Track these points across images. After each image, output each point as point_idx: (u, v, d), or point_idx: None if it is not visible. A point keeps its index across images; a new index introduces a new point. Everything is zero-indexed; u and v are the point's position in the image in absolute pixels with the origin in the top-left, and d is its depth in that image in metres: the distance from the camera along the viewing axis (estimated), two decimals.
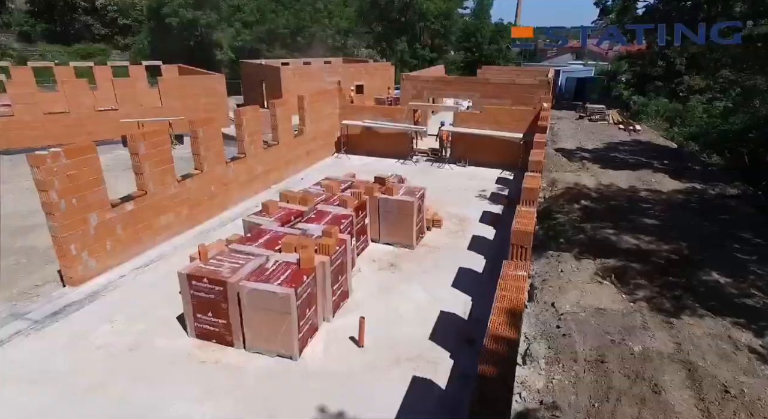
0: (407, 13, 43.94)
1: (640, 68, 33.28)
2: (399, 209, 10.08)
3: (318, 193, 10.31)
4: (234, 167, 12.42)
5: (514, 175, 15.79)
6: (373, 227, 10.49)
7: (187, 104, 21.60)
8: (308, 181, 14.88)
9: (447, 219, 11.97)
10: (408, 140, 17.30)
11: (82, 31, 40.63)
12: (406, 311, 8.16)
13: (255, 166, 13.35)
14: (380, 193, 10.33)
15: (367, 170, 16.32)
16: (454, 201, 13.31)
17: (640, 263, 9.97)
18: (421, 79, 20.55)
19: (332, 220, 8.81)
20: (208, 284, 6.67)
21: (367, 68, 30.31)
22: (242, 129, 12.60)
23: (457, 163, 16.99)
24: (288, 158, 15.08)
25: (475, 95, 20.16)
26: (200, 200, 11.22)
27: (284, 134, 14.63)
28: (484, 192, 14.15)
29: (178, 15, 35.75)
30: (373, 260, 9.87)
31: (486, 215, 12.40)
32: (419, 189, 10.58)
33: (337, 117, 17.94)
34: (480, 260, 9.87)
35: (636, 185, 15.51)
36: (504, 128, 16.25)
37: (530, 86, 19.18)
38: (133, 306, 7.89)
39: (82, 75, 24.19)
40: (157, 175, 9.86)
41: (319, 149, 17.09)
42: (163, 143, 9.94)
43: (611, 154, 19.67)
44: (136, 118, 19.83)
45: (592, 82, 35.35)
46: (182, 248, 10.06)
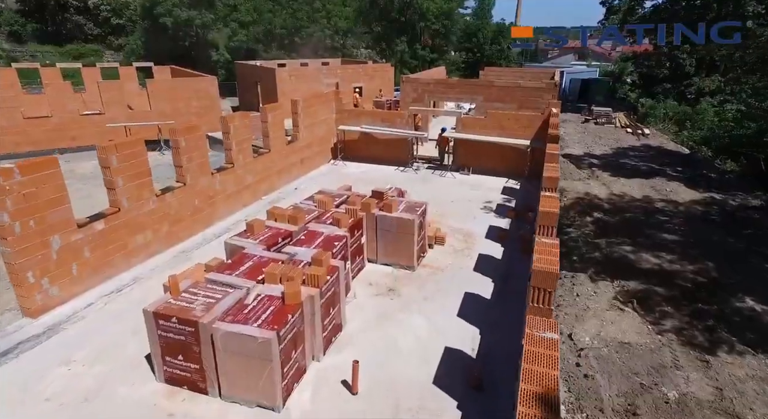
0: (407, 13, 43.06)
1: (647, 69, 32.42)
2: (398, 227, 9.17)
3: (310, 209, 9.40)
4: (221, 179, 11.51)
5: (520, 184, 14.88)
6: (371, 246, 9.59)
7: (177, 107, 20.70)
8: (302, 191, 14.00)
9: (451, 235, 11.06)
10: (408, 146, 16.41)
11: (74, 31, 39.71)
12: (406, 344, 7.26)
13: (244, 176, 12.44)
14: (378, 209, 9.42)
15: (365, 178, 15.43)
16: (457, 214, 12.41)
17: (664, 286, 9.07)
18: (422, 81, 19.66)
19: (324, 242, 7.90)
20: (177, 324, 5.76)
21: (366, 70, 29.42)
22: (230, 137, 11.69)
23: (460, 171, 16.08)
24: (280, 167, 14.17)
25: (478, 99, 19.28)
26: (182, 215, 10.31)
27: (276, 141, 13.73)
28: (489, 204, 13.24)
29: (172, 15, 34.85)
30: (369, 283, 8.96)
31: (492, 229, 11.48)
32: (420, 205, 9.67)
33: (333, 122, 17.03)
34: (487, 284, 8.96)
35: (650, 194, 14.62)
36: (510, 134, 15.34)
37: (537, 89, 18.30)
38: (98, 341, 6.98)
39: (71, 77, 23.32)
40: (133, 190, 8.95)
41: (315, 156, 16.18)
42: (139, 154, 9.02)
43: (621, 160, 18.78)
44: (123, 122, 18.93)
45: (596, 84, 34.44)
46: (160, 270, 9.16)
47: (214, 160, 12.54)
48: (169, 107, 20.49)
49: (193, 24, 36.56)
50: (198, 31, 38.38)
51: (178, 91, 20.69)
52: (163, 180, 12.64)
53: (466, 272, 9.46)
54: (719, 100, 24.63)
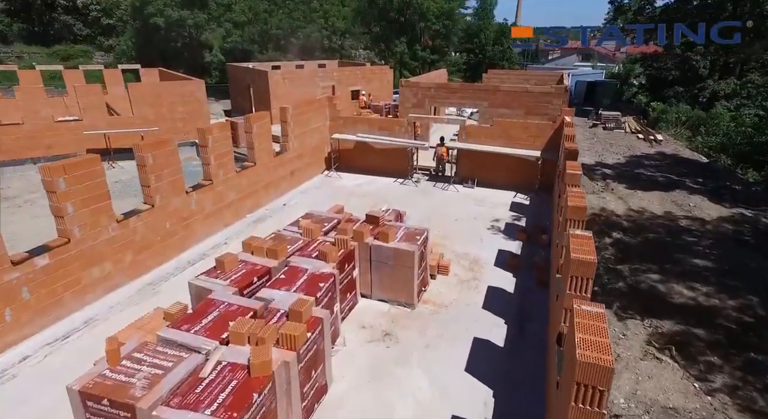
0: (407, 13, 41.82)
1: (655, 71, 31.18)
2: (396, 259, 7.92)
3: (293, 238, 8.14)
4: (198, 197, 10.25)
5: (530, 199, 13.63)
6: (364, 279, 8.34)
7: (162, 113, 19.45)
8: (291, 208, 12.74)
9: (455, 262, 9.81)
10: (408, 156, 15.15)
11: (62, 31, 38.41)
12: (404, 410, 6.01)
13: (225, 193, 11.19)
14: (372, 238, 8.17)
15: (361, 191, 14.20)
16: (462, 235, 11.16)
17: (705, 327, 7.81)
18: (422, 86, 18.42)
19: (308, 283, 6.65)
20: (109, 407, 4.51)
21: (364, 72, 28.16)
22: (207, 151, 10.43)
23: (464, 183, 14.83)
24: (268, 181, 12.92)
25: (482, 104, 18.04)
26: (150, 241, 9.05)
27: (263, 153, 12.48)
28: (497, 223, 11.98)
29: (163, 15, 33.60)
30: (362, 325, 7.71)
31: (502, 254, 10.22)
32: (421, 232, 8.41)
33: (327, 130, 15.79)
34: (499, 326, 7.70)
35: (672, 210, 13.36)
36: (518, 144, 14.10)
37: (545, 94, 17.06)
38: (25, 413, 5.71)
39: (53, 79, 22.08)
40: (87, 216, 7.70)
41: (306, 167, 14.93)
42: (95, 175, 7.77)
43: (636, 170, 17.52)
44: (103, 129, 17.68)
45: (602, 86, 33.15)
46: (120, 308, 7.91)
47: (200, 171, 11.37)
48: (152, 112, 19.23)
49: (186, 24, 35.32)
50: (191, 31, 37.13)
51: (162, 96, 19.43)
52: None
53: (474, 309, 8.21)
54: (735, 104, 23.38)
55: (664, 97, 27.02)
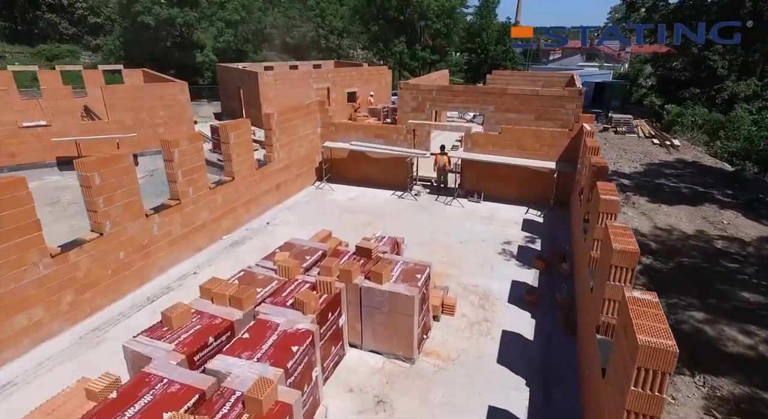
0: (406, 11, 40.35)
1: (667, 72, 29.70)
2: (392, 305, 6.44)
3: (266, 278, 6.65)
4: (161, 221, 8.77)
5: (544, 216, 12.15)
6: (353, 326, 6.86)
7: (141, 118, 17.96)
8: (275, 227, 11.26)
9: (462, 297, 8.34)
10: (407, 167, 13.67)
11: (47, 30, 36.84)
12: None
13: (196, 214, 9.71)
14: (363, 276, 6.69)
15: (355, 207, 12.73)
16: (469, 262, 9.69)
17: None
18: (423, 88, 16.94)
19: (277, 347, 5.16)
20: None
21: (361, 73, 26.68)
22: (173, 166, 8.95)
23: (469, 197, 13.35)
24: (249, 197, 11.44)
25: (488, 109, 16.56)
26: (98, 276, 7.57)
27: (242, 165, 11.00)
28: (508, 246, 10.50)
29: (151, 13, 32.09)
30: (350, 389, 6.22)
31: (517, 287, 8.74)
32: (422, 268, 6.93)
33: (318, 138, 14.31)
34: (519, 389, 6.22)
35: (704, 228, 11.89)
36: (530, 154, 12.63)
37: (558, 98, 15.59)
38: None
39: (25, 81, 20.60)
40: (11, 252, 6.21)
41: (294, 179, 13.45)
42: (21, 202, 6.29)
43: (656, 180, 16.03)
44: (74, 136, 16.19)
45: (611, 88, 31.66)
46: (49, 366, 6.43)
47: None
48: (131, 117, 17.73)
49: (176, 23, 33.80)
50: (182, 30, 35.63)
51: (141, 99, 17.93)
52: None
53: (487, 364, 6.72)
54: (757, 107, 21.89)
55: (679, 99, 25.51)
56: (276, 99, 22.56)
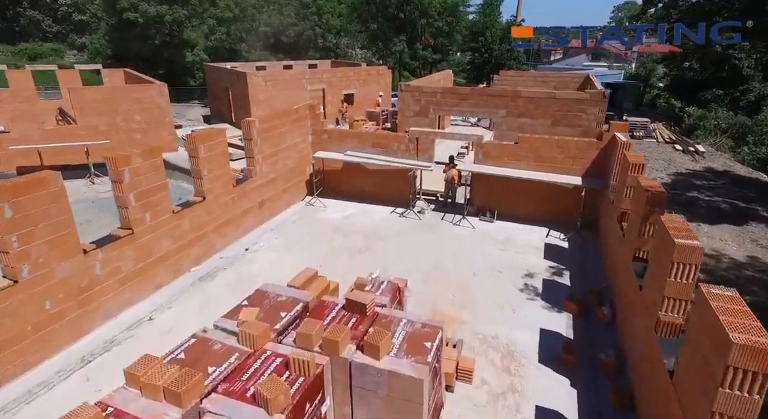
0: (407, 9, 38.62)
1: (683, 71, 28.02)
2: (393, 388, 4.77)
3: (225, 349, 4.96)
4: (105, 257, 7.08)
5: (569, 240, 10.47)
6: (340, 409, 5.17)
7: (115, 122, 16.27)
8: (254, 256, 9.55)
9: (481, 354, 6.67)
10: (409, 180, 11.97)
11: (29, 28, 35.07)
12: None
13: (156, 244, 8.03)
14: (354, 345, 5.01)
15: (349, 227, 11.07)
16: (486, 301, 8.02)
17: None
18: (426, 90, 15.25)
19: None
20: None
21: (359, 73, 24.97)
22: (123, 188, 7.27)
23: (480, 215, 11.67)
24: (224, 219, 9.75)
25: (499, 113, 14.88)
26: (13, 335, 5.89)
27: (215, 182, 9.31)
28: (531, 279, 8.81)
29: (138, 10, 30.37)
30: None
31: (547, 339, 7.06)
32: (432, 332, 5.24)
33: (308, 147, 12.63)
34: None
35: (757, 254, 10.23)
36: (551, 167, 10.96)
37: (578, 101, 13.92)
38: None
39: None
40: None
41: (280, 195, 11.77)
42: None
43: (688, 193, 14.35)
44: (36, 143, 14.50)
45: (624, 89, 29.93)
46: None
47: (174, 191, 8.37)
48: (103, 122, 16.02)
49: (164, 20, 32.06)
50: (171, 28, 33.90)
51: (115, 102, 16.22)
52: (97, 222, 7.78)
53: None
54: None
55: (700, 101, 23.81)
56: (267, 101, 20.86)
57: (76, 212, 6.87)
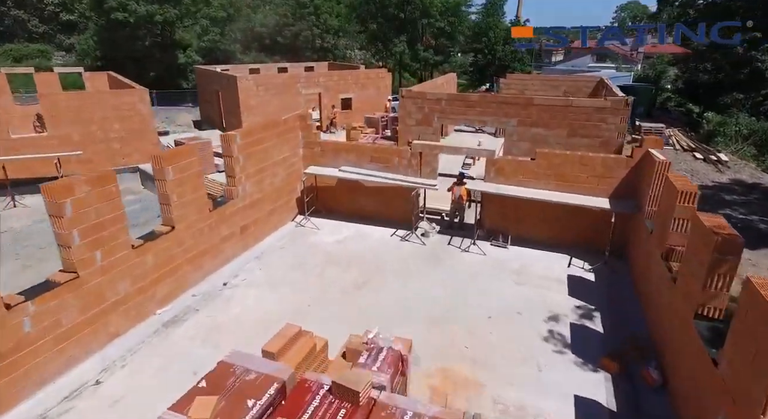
0: (407, 9, 37.34)
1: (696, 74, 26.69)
2: None
3: None
4: (38, 310, 5.74)
5: (595, 271, 9.14)
6: None
7: (90, 131, 14.97)
8: (233, 291, 8.20)
9: None
10: (411, 200, 10.64)
11: (14, 28, 33.75)
12: None
13: (109, 287, 6.70)
14: None
15: (343, 254, 9.76)
16: (505, 356, 6.70)
17: None
18: (430, 97, 13.93)
19: None
20: None
21: (357, 76, 23.64)
22: (63, 224, 5.94)
23: (492, 240, 10.34)
24: (199, 249, 8.43)
25: (509, 122, 13.57)
26: None
27: (187, 208, 7.98)
28: (556, 324, 7.48)
29: (126, 9, 29.07)
30: None
31: (583, 407, 5.73)
32: None
33: (299, 161, 11.31)
34: None
35: None
36: (573, 186, 9.63)
37: (598, 110, 12.62)
38: None
39: None
40: None
41: (267, 218, 10.44)
42: None
43: (719, 210, 12.98)
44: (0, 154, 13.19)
45: (635, 92, 28.57)
46: None
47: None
48: (77, 130, 14.71)
49: (155, 20, 30.77)
50: (162, 28, 32.61)
51: (90, 109, 14.89)
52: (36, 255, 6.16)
53: None
54: None
55: (718, 105, 22.49)
56: (259, 107, 19.57)
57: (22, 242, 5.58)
